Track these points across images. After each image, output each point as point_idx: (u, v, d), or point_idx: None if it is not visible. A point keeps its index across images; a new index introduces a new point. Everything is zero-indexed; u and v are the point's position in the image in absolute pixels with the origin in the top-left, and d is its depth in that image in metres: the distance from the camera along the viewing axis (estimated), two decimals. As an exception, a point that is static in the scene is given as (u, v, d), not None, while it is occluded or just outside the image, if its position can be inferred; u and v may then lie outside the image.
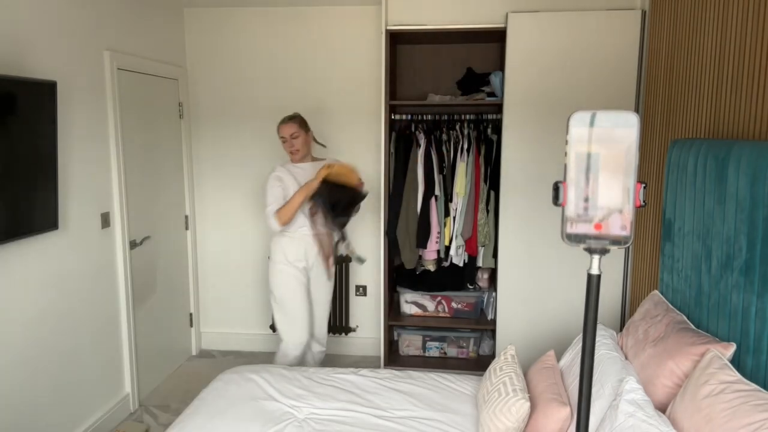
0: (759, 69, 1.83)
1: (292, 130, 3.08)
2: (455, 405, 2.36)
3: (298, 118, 3.11)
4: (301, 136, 3.10)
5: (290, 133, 3.08)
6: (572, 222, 0.65)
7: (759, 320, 1.61)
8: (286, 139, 3.09)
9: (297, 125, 3.09)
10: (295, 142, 3.09)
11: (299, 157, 3.12)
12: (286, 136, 3.09)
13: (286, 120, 3.10)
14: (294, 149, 3.10)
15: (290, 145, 3.09)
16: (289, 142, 3.10)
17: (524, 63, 3.11)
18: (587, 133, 0.64)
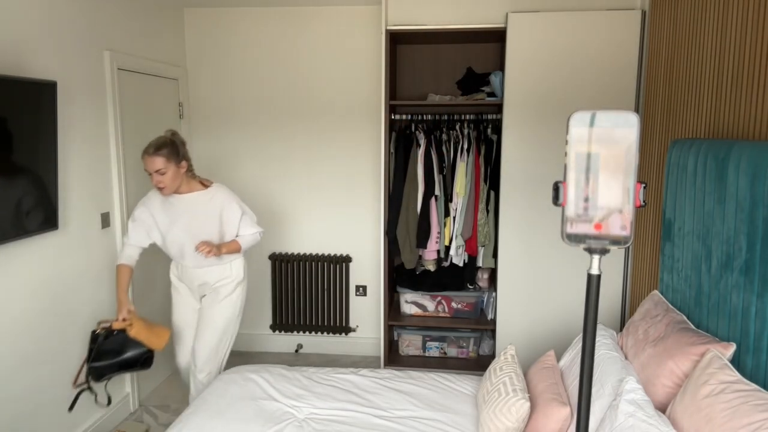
0: (759, 69, 1.83)
1: (158, 165, 2.51)
2: (455, 405, 2.36)
3: (165, 149, 2.52)
4: (169, 171, 2.53)
5: (155, 169, 2.51)
6: (572, 222, 0.65)
7: (759, 320, 1.61)
8: (151, 174, 2.54)
9: (164, 159, 2.50)
10: (162, 178, 2.53)
11: (169, 193, 2.59)
12: (149, 171, 2.53)
13: (150, 151, 2.51)
14: (159, 186, 2.55)
15: (155, 180, 2.54)
16: (154, 178, 2.53)
17: (524, 63, 3.11)
18: (587, 133, 0.64)
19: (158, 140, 2.54)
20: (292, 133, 4.00)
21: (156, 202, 2.69)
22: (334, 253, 4.11)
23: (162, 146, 2.51)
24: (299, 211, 4.09)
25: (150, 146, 2.52)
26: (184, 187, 2.66)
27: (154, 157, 2.50)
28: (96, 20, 2.95)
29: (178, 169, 2.57)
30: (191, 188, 2.68)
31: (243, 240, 2.77)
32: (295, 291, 4.13)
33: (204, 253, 2.56)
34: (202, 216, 2.67)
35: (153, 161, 2.50)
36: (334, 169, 4.02)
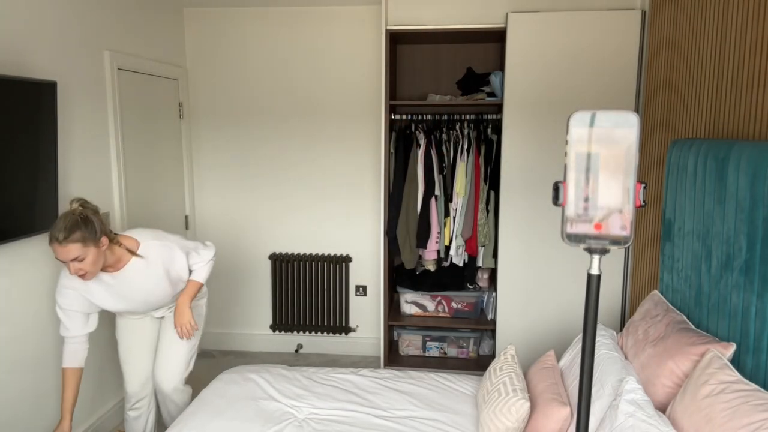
0: (759, 69, 1.83)
1: (73, 254, 2.04)
2: (455, 405, 2.36)
3: (78, 232, 2.03)
4: (89, 255, 2.07)
5: (70, 258, 2.04)
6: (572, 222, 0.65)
7: (759, 320, 1.61)
8: (65, 263, 2.07)
9: (79, 245, 2.04)
10: (81, 265, 2.07)
11: (90, 278, 2.14)
12: (63, 261, 2.06)
13: (60, 238, 2.01)
14: (80, 274, 2.09)
15: (73, 270, 2.07)
16: (71, 267, 2.06)
17: (524, 63, 3.11)
18: (587, 133, 0.64)
19: (66, 221, 2.04)
20: (292, 133, 4.00)
21: (81, 283, 2.27)
22: (334, 253, 4.11)
23: (73, 228, 2.02)
24: (299, 211, 4.09)
25: (57, 231, 2.01)
26: (111, 260, 2.20)
27: (67, 246, 2.01)
28: (96, 20, 2.95)
29: (99, 248, 2.10)
30: (120, 260, 2.24)
31: (200, 274, 2.48)
32: (295, 291, 4.13)
33: (185, 336, 2.41)
34: (145, 283, 2.33)
35: (66, 251, 2.02)
36: (334, 168, 4.02)
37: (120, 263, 2.25)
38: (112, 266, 2.24)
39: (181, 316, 2.42)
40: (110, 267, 2.24)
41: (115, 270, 2.27)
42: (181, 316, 2.42)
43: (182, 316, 2.42)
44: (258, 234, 4.14)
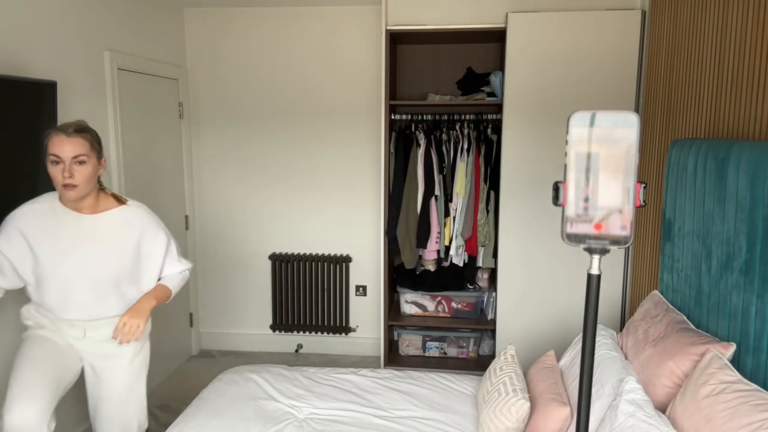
0: (759, 69, 1.83)
1: (78, 150, 1.83)
2: (455, 405, 2.36)
3: (89, 133, 1.91)
4: (90, 163, 1.87)
5: (75, 154, 1.83)
6: (572, 222, 0.65)
7: (759, 320, 1.61)
8: (60, 161, 1.82)
9: (88, 145, 1.87)
10: (79, 170, 1.84)
11: (75, 197, 1.86)
12: (63, 157, 1.81)
13: (70, 131, 1.84)
14: (70, 182, 1.83)
15: (67, 172, 1.82)
16: (67, 168, 1.82)
17: (524, 63, 3.11)
18: (587, 133, 0.64)
19: (77, 122, 1.91)
20: (292, 133, 4.00)
21: (37, 220, 1.91)
22: (334, 253, 4.11)
23: (86, 128, 1.90)
24: (299, 211, 4.09)
25: (67, 126, 1.85)
26: (89, 202, 1.94)
27: (75, 139, 1.83)
28: (96, 20, 2.95)
29: (98, 167, 1.92)
30: (100, 205, 1.97)
31: (173, 282, 2.12)
32: (295, 291, 4.13)
33: (124, 339, 1.90)
34: (111, 245, 1.95)
35: (72, 144, 1.82)
36: (334, 168, 4.02)
37: (99, 207, 1.97)
38: (89, 208, 1.94)
39: (136, 315, 1.93)
40: (87, 208, 1.94)
41: (90, 212, 1.95)
42: (135, 316, 1.93)
43: (137, 317, 1.93)
44: (258, 234, 4.14)
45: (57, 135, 1.83)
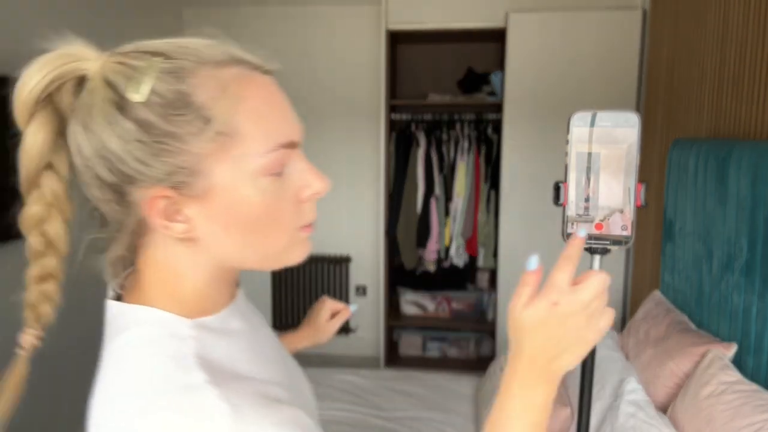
0: (760, 69, 1.82)
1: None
2: (455, 405, 2.36)
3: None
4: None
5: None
6: (573, 222, 0.65)
7: (760, 320, 1.60)
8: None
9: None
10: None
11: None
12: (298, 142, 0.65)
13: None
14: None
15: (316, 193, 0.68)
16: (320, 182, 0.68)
17: (524, 62, 3.10)
18: (588, 133, 0.63)
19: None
20: (292, 133, 4.00)
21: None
22: (334, 253, 4.11)
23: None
24: (299, 211, 4.08)
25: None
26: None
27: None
28: (94, 20, 2.94)
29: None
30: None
31: None
32: (295, 291, 4.12)
33: None
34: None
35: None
36: (333, 168, 4.01)
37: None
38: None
39: None
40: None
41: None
42: None
43: None
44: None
45: (263, 84, 0.64)
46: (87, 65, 0.56)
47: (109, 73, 0.54)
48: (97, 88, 0.54)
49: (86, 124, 0.55)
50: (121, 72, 0.54)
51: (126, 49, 0.57)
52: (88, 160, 0.56)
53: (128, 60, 0.54)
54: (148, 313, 0.59)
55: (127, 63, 0.54)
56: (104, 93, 0.54)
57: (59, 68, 0.55)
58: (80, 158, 0.56)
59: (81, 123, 0.55)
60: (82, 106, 0.55)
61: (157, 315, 0.58)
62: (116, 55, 0.56)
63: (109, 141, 0.53)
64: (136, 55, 0.55)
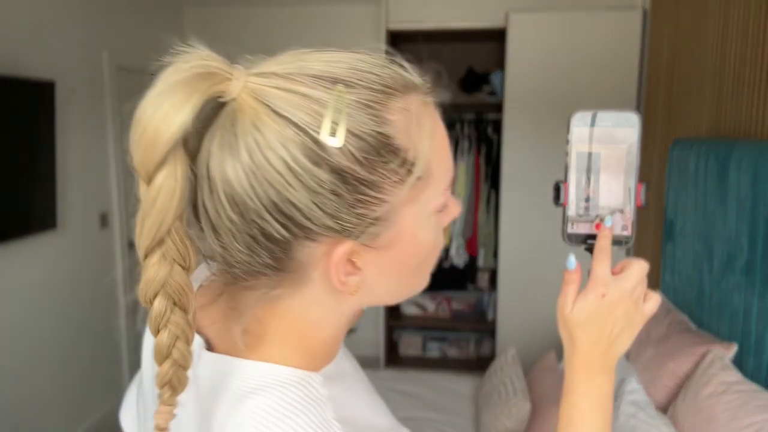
0: (761, 69, 1.82)
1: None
2: (455, 405, 2.35)
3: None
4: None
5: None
6: (573, 222, 0.64)
7: (760, 320, 1.60)
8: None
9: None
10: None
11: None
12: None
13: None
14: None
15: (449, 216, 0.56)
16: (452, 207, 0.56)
17: (525, 62, 3.10)
18: (588, 133, 0.63)
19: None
20: (292, 133, 4.00)
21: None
22: (334, 253, 4.10)
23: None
24: (299, 211, 4.08)
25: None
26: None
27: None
28: (95, 20, 2.94)
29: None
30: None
31: None
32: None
33: None
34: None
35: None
36: (334, 169, 4.01)
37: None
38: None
39: None
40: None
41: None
42: None
43: None
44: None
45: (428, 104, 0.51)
46: (228, 87, 0.45)
47: (282, 104, 0.43)
48: (267, 124, 0.43)
49: (251, 170, 0.43)
50: (300, 105, 0.43)
51: (277, 69, 0.48)
52: (249, 213, 0.43)
53: (297, 87, 0.44)
54: (279, 372, 0.49)
55: (299, 92, 0.44)
56: (283, 132, 0.42)
57: (204, 94, 0.43)
58: (234, 211, 0.44)
59: (243, 168, 0.43)
60: (243, 144, 0.43)
61: (289, 374, 0.49)
62: (268, 76, 0.47)
63: (293, 192, 0.42)
64: (305, 80, 0.45)
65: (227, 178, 0.43)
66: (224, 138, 0.44)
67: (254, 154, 0.42)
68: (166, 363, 0.45)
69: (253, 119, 0.43)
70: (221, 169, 0.43)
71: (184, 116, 0.42)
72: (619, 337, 0.60)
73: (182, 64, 0.45)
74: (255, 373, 0.49)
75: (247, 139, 0.43)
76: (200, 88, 0.43)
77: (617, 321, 0.60)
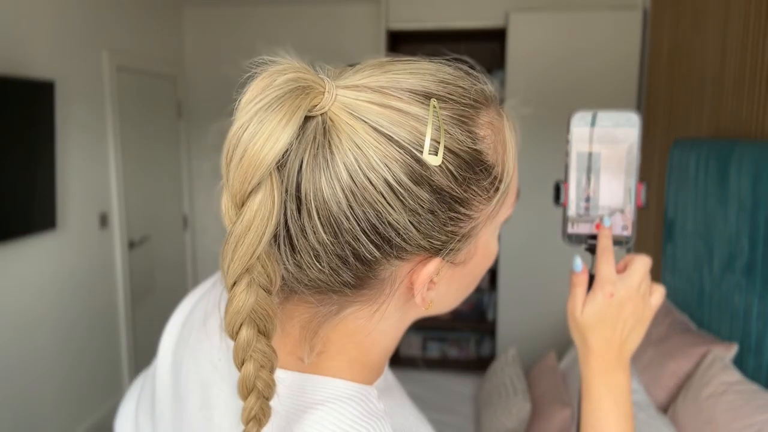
0: (761, 68, 1.82)
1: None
2: (455, 405, 2.35)
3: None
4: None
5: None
6: (573, 222, 0.64)
7: (761, 321, 1.60)
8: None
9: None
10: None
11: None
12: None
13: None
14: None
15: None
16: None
17: (525, 62, 3.10)
18: (588, 133, 0.63)
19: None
20: (292, 133, 3.99)
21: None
22: (334, 253, 4.10)
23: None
24: (299, 211, 4.08)
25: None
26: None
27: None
28: (94, 19, 2.94)
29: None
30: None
31: None
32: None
33: None
34: None
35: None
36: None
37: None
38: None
39: None
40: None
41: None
42: None
43: None
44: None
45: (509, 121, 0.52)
46: (321, 101, 0.42)
47: (381, 120, 0.41)
48: (367, 142, 0.41)
49: (350, 190, 0.40)
50: (399, 122, 0.41)
51: (368, 82, 0.44)
52: (344, 234, 0.42)
53: (393, 102, 0.42)
54: (338, 386, 0.48)
55: (396, 107, 0.42)
56: (385, 150, 0.40)
57: (305, 111, 0.41)
58: (327, 231, 0.41)
59: (342, 187, 0.40)
60: (341, 162, 0.41)
61: (348, 388, 0.48)
62: (361, 89, 0.43)
63: (392, 213, 0.41)
64: (400, 95, 0.43)
65: (323, 198, 0.41)
66: (318, 155, 0.41)
67: (355, 173, 0.40)
68: (252, 396, 0.43)
69: (351, 135, 0.41)
70: (316, 188, 0.41)
71: (288, 136, 0.39)
72: (631, 334, 0.62)
73: (277, 76, 0.43)
74: (313, 388, 0.48)
75: (346, 157, 0.40)
76: (302, 105, 0.40)
77: (628, 318, 0.61)
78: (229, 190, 0.40)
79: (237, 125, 0.41)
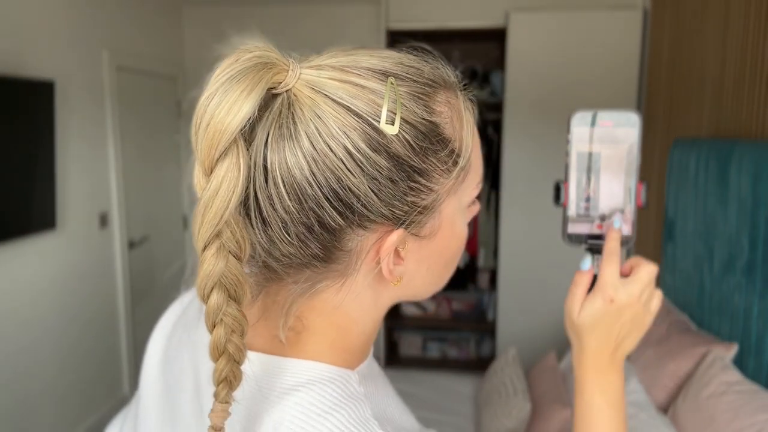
0: (761, 68, 1.82)
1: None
2: (455, 405, 2.35)
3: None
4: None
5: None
6: (573, 222, 0.64)
7: (761, 321, 1.60)
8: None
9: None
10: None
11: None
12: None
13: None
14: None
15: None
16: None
17: (525, 62, 3.10)
18: (588, 132, 0.63)
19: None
20: (292, 133, 3.99)
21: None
22: (334, 253, 4.10)
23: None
24: (299, 211, 4.08)
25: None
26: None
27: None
28: (94, 19, 2.94)
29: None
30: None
31: None
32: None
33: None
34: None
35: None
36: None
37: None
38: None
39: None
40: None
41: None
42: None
43: None
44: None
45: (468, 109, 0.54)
46: (285, 78, 0.46)
47: (340, 93, 0.44)
48: (327, 113, 0.44)
49: (312, 157, 0.43)
50: (357, 95, 0.44)
51: (330, 62, 0.49)
52: (308, 201, 0.44)
53: (352, 78, 0.46)
54: (318, 369, 0.50)
55: (355, 82, 0.45)
56: (344, 119, 0.43)
57: (267, 84, 0.44)
58: (292, 199, 0.44)
59: (305, 155, 0.43)
60: (303, 132, 0.43)
61: (328, 371, 0.50)
62: (323, 68, 0.48)
63: (352, 179, 0.43)
64: (359, 71, 0.46)
65: (287, 166, 0.44)
66: (282, 127, 0.44)
67: (316, 141, 0.43)
68: (222, 359, 0.45)
69: (312, 107, 0.44)
70: (280, 157, 0.44)
71: (251, 105, 0.42)
72: (627, 338, 0.62)
73: (243, 54, 0.45)
74: (294, 371, 0.50)
75: (308, 127, 0.44)
76: (264, 77, 0.44)
77: (625, 324, 0.61)
78: (198, 158, 0.43)
79: (204, 96, 0.45)
